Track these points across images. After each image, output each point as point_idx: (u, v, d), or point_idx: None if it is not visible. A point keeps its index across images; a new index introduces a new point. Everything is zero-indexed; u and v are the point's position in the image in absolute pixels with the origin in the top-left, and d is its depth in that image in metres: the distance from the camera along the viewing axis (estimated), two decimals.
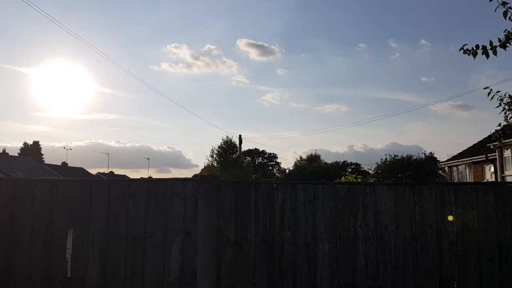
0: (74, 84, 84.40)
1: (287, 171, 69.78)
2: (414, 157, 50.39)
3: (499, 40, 3.96)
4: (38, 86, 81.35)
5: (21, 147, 62.86)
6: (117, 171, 57.68)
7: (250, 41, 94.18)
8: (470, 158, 26.56)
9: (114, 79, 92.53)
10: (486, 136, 24.74)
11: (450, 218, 3.77)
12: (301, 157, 69.27)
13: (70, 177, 5.42)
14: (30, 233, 4.03)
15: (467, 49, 4.01)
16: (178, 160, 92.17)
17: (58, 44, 79.89)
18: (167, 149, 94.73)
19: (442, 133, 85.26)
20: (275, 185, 3.96)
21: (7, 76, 75.02)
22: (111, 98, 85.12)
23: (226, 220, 3.90)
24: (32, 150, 60.36)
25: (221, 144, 41.64)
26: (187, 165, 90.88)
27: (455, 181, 27.82)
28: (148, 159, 63.27)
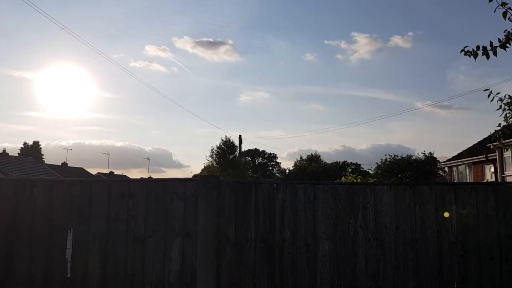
0: (68, 84, 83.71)
1: (287, 171, 69.82)
2: (414, 157, 50.51)
3: (499, 41, 3.97)
4: (28, 85, 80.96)
5: (21, 147, 62.87)
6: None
7: (199, 39, 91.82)
8: (470, 158, 26.58)
9: (98, 76, 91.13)
10: (486, 136, 24.76)
11: (446, 214, 3.77)
12: (301, 157, 69.38)
13: (70, 177, 5.41)
14: (30, 233, 4.03)
15: (468, 51, 4.02)
16: (167, 161, 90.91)
17: (48, 41, 79.25)
18: (155, 150, 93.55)
19: (426, 132, 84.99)
20: (275, 185, 3.96)
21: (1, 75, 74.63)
22: (97, 98, 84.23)
23: (226, 220, 3.90)
24: (32, 150, 60.33)
25: (220, 144, 41.81)
26: (177, 165, 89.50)
27: (455, 181, 27.82)
28: (148, 158, 62.52)
